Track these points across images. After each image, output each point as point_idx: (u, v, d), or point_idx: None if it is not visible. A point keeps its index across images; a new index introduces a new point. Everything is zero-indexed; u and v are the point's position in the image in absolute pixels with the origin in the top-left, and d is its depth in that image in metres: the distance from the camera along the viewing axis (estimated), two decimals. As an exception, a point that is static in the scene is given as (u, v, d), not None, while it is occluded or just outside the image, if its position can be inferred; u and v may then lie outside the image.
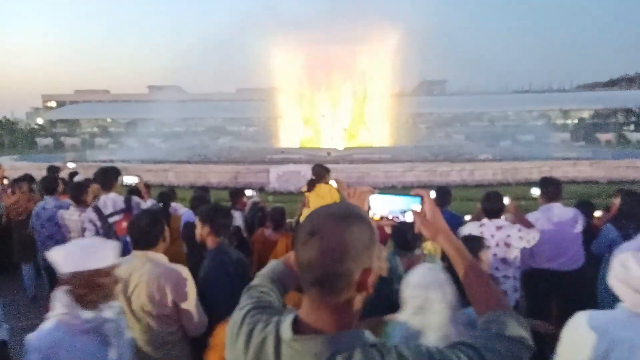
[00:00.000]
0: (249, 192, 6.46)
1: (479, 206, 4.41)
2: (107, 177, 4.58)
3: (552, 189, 4.49)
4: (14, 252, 6.36)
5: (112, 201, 4.41)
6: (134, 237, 2.81)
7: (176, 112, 42.82)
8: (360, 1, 29.35)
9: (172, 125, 45.78)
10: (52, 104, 68.07)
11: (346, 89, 30.30)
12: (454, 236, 1.42)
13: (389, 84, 30.28)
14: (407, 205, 1.47)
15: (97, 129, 50.59)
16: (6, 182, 7.52)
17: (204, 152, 24.09)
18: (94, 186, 5.23)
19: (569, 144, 31.37)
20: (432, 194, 3.93)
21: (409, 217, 1.45)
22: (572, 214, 4.45)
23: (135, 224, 2.83)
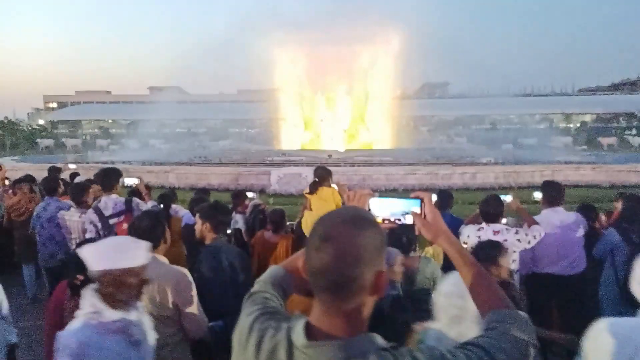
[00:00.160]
0: (249, 195, 6.45)
1: (477, 211, 4.41)
2: (108, 178, 4.57)
3: (555, 193, 4.48)
4: (15, 253, 6.36)
5: (112, 202, 4.40)
6: None
7: (177, 113, 42.78)
8: (362, 3, 29.38)
9: (173, 126, 45.82)
10: (54, 105, 68.28)
11: (345, 89, 30.29)
12: (454, 238, 1.42)
13: (391, 86, 30.30)
14: (407, 207, 1.46)
15: (98, 130, 50.69)
16: (7, 183, 7.52)
17: (205, 154, 24.13)
18: (95, 187, 5.23)
19: (571, 148, 31.28)
20: (434, 197, 3.91)
21: (409, 220, 1.45)
22: (574, 218, 4.44)
23: (136, 226, 2.84)
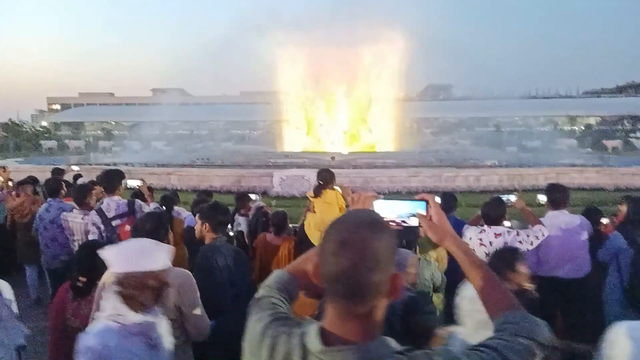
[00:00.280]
0: (252, 197, 6.44)
1: (478, 212, 4.40)
2: (111, 180, 4.57)
3: (559, 196, 4.46)
4: (18, 254, 6.37)
5: (115, 204, 4.40)
6: None
7: (180, 115, 42.93)
8: (365, 4, 29.30)
9: (175, 128, 45.96)
10: (57, 107, 68.57)
11: (347, 91, 30.26)
12: (461, 239, 1.42)
13: (394, 88, 30.27)
14: (412, 209, 1.45)
15: (101, 132, 50.85)
16: (11, 185, 7.54)
17: (208, 156, 24.12)
18: (98, 189, 5.23)
19: (576, 151, 31.15)
20: (437, 199, 3.90)
21: (414, 222, 1.44)
22: (579, 221, 4.41)
23: (139, 227, 2.84)
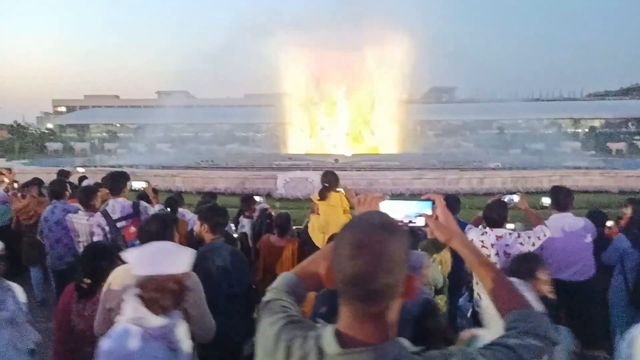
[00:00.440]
0: (256, 199, 6.46)
1: (479, 214, 4.40)
2: (116, 181, 4.59)
3: (563, 198, 4.45)
4: (23, 255, 6.39)
5: (120, 206, 4.41)
6: (144, 242, 2.79)
7: (184, 117, 43.05)
8: (369, 7, 29.37)
9: (180, 130, 46.04)
10: (62, 109, 68.85)
11: (350, 92, 30.29)
12: (468, 239, 1.43)
13: (398, 90, 30.28)
14: (419, 210, 1.46)
15: (106, 134, 50.94)
16: (16, 186, 7.58)
17: (212, 158, 24.17)
18: (103, 191, 5.25)
19: (580, 153, 31.08)
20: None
21: (420, 222, 1.45)
22: (583, 224, 4.40)
23: (145, 229, 2.84)
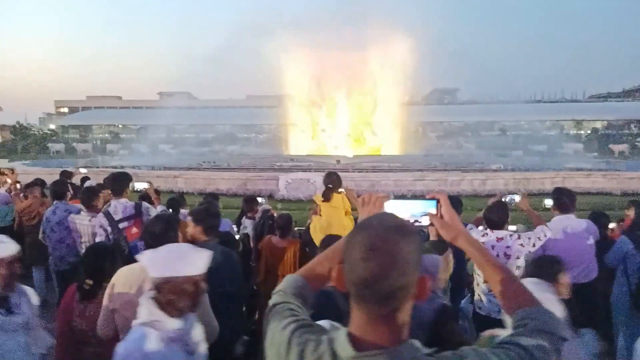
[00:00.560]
0: (259, 200, 6.47)
1: (480, 214, 4.39)
2: (119, 182, 4.59)
3: (566, 200, 4.43)
4: (25, 256, 6.40)
5: (122, 207, 4.41)
6: (147, 242, 2.80)
7: (186, 118, 43.10)
8: (371, 8, 29.39)
9: (182, 131, 46.12)
10: (65, 110, 69.04)
11: (352, 93, 30.29)
12: (473, 237, 1.43)
13: (400, 92, 30.28)
14: (424, 209, 1.46)
15: (108, 135, 51.07)
16: (19, 187, 7.60)
17: (214, 159, 24.20)
18: (106, 192, 5.26)
19: (582, 155, 31.05)
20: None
21: (426, 221, 1.44)
22: (585, 226, 4.38)
23: (149, 230, 2.82)
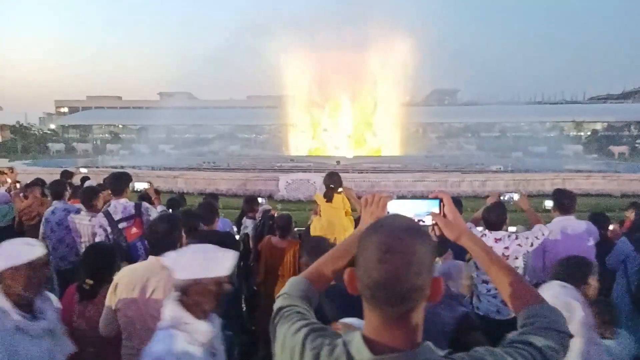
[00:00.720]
0: (259, 200, 6.46)
1: (478, 214, 4.39)
2: (119, 182, 4.58)
3: (566, 201, 4.42)
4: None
5: (122, 207, 4.41)
6: (151, 242, 2.81)
7: (186, 118, 43.15)
8: (371, 9, 29.44)
9: (182, 131, 46.16)
10: (65, 110, 69.07)
11: (352, 95, 30.32)
12: (477, 236, 1.43)
13: (400, 93, 30.31)
14: (427, 208, 1.46)
15: (108, 135, 51.06)
16: (19, 187, 7.59)
17: (214, 159, 24.21)
18: (106, 192, 5.25)
19: (582, 156, 31.08)
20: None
21: (428, 220, 1.44)
22: (585, 227, 4.37)
23: (153, 229, 2.81)
